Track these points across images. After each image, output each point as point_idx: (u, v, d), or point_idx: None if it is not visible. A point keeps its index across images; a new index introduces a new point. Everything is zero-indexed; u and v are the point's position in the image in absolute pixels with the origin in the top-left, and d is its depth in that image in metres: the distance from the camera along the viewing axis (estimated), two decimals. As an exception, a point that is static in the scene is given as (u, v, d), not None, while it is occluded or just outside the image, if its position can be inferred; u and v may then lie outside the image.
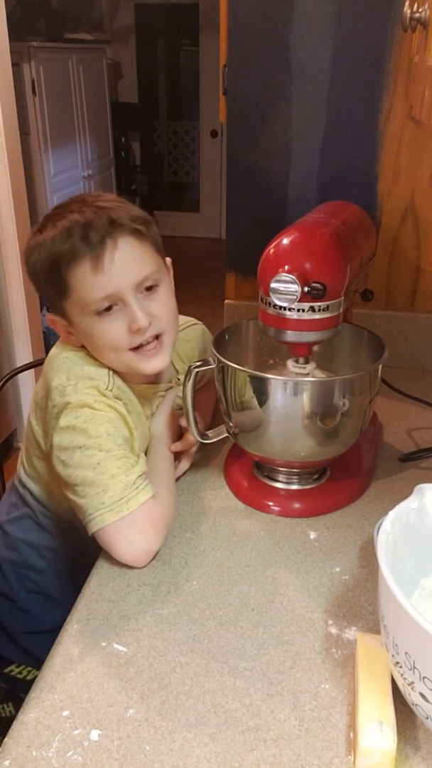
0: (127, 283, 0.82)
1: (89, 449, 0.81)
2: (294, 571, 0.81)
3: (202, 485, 0.98)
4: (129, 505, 0.79)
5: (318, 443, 0.87)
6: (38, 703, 0.63)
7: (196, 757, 0.58)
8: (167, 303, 0.87)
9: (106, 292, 0.81)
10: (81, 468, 0.81)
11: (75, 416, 0.82)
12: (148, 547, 0.81)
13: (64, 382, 0.84)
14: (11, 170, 2.43)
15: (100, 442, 0.81)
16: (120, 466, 0.81)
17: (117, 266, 0.81)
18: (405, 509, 0.65)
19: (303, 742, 0.60)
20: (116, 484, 0.79)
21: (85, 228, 0.80)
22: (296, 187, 1.28)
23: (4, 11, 2.36)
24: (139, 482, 0.81)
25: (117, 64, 5.26)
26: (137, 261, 0.82)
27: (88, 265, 0.80)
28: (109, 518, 0.79)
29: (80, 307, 0.83)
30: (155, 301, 0.85)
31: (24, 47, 3.27)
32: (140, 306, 0.83)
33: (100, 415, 0.83)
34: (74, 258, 0.80)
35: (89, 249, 0.79)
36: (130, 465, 0.82)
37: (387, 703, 0.58)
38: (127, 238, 0.82)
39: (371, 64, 1.17)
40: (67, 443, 0.82)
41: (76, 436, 0.81)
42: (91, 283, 0.81)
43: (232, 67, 1.22)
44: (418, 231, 1.26)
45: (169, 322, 0.87)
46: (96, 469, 0.80)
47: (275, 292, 0.79)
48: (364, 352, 0.96)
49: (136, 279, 0.82)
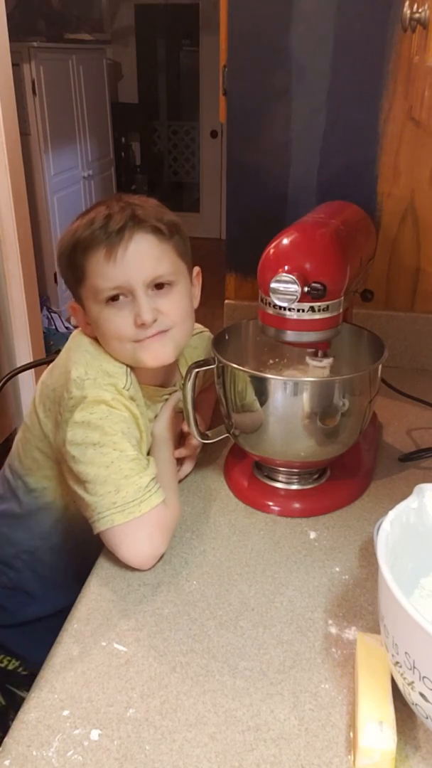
0: (137, 277, 0.83)
1: (103, 446, 0.80)
2: (294, 571, 0.81)
3: (202, 485, 0.98)
4: (141, 507, 0.79)
5: (318, 443, 0.87)
6: (38, 702, 0.63)
7: (196, 756, 0.58)
8: (178, 303, 0.88)
9: (116, 283, 0.83)
10: (94, 465, 0.80)
11: (91, 412, 0.82)
12: (155, 551, 0.80)
13: (83, 375, 0.84)
14: (11, 170, 2.43)
15: (115, 440, 0.81)
16: (133, 467, 0.81)
17: (129, 259, 0.82)
18: (405, 509, 0.65)
19: (303, 742, 0.60)
20: (129, 485, 0.79)
21: (107, 219, 0.82)
22: (296, 187, 1.28)
23: (4, 11, 2.36)
24: (151, 485, 0.81)
25: (117, 65, 5.26)
26: (152, 258, 0.84)
27: (102, 253, 0.82)
28: (119, 519, 0.78)
29: (93, 293, 0.85)
30: (166, 299, 0.86)
31: (24, 47, 3.27)
32: (148, 301, 0.84)
33: (116, 414, 0.83)
34: (91, 245, 0.83)
35: (106, 238, 0.82)
36: (143, 467, 0.82)
37: (387, 703, 0.58)
38: (146, 234, 0.83)
39: (371, 64, 1.17)
40: (80, 439, 0.81)
41: (91, 432, 0.81)
42: (103, 272, 0.83)
43: (232, 67, 1.22)
44: (418, 231, 1.26)
45: (176, 320, 0.87)
46: (109, 468, 0.80)
47: (275, 292, 0.79)
48: (364, 352, 0.96)
49: (148, 275, 0.83)
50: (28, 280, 2.61)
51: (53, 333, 3.44)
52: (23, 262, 2.56)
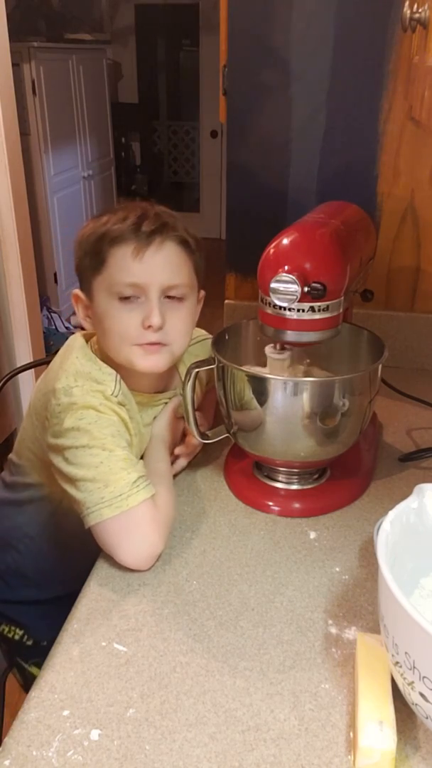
0: (157, 281, 0.85)
1: (92, 448, 0.81)
2: (294, 571, 0.81)
3: (202, 485, 0.98)
4: (128, 501, 0.79)
5: (318, 443, 0.87)
6: (38, 702, 0.63)
7: (196, 756, 0.58)
8: (184, 319, 0.90)
9: (136, 280, 0.84)
10: (83, 466, 0.81)
11: (80, 417, 0.83)
12: (151, 550, 0.81)
13: (72, 383, 0.85)
14: (11, 170, 2.43)
15: (104, 442, 0.82)
16: (123, 465, 0.81)
17: (156, 262, 0.84)
18: (405, 509, 0.65)
19: (303, 742, 0.60)
20: (118, 480, 0.80)
21: (140, 219, 0.85)
22: (296, 187, 1.28)
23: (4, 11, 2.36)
24: (140, 482, 0.81)
25: (117, 64, 5.26)
26: (174, 267, 0.86)
27: (131, 248, 0.84)
28: (107, 513, 0.79)
29: (107, 285, 0.86)
30: (174, 312, 0.88)
31: (24, 47, 3.27)
32: (160, 307, 0.85)
33: (105, 419, 0.84)
34: (121, 239, 0.84)
35: (137, 236, 0.84)
36: (132, 464, 0.83)
37: (387, 703, 0.58)
38: (174, 243, 0.86)
39: (371, 64, 1.17)
40: (69, 443, 0.82)
41: (81, 436, 0.82)
42: (126, 266, 0.84)
43: (232, 67, 1.22)
44: (418, 231, 1.26)
45: (178, 338, 0.89)
46: (98, 468, 0.80)
47: (275, 292, 0.79)
48: (364, 352, 0.96)
49: (166, 281, 0.85)
50: (28, 280, 2.61)
51: (53, 333, 3.44)
52: (23, 262, 2.56)
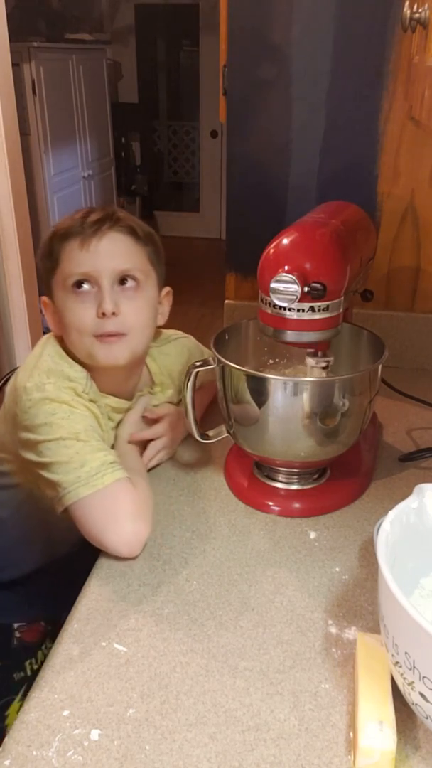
0: (105, 268, 0.87)
1: (66, 440, 0.83)
2: (294, 571, 0.81)
3: (202, 485, 0.98)
4: (104, 480, 0.81)
5: (318, 443, 0.87)
6: (38, 702, 0.64)
7: (196, 756, 0.58)
8: (141, 308, 0.91)
9: (86, 269, 0.87)
10: (57, 455, 0.83)
11: (52, 412, 0.84)
12: (138, 532, 0.81)
13: (44, 379, 0.87)
14: (11, 170, 2.43)
15: (78, 434, 0.84)
16: (99, 448, 0.84)
17: (101, 249, 0.87)
18: (405, 509, 0.65)
19: (303, 742, 0.60)
20: (94, 459, 0.82)
21: (87, 214, 0.88)
22: (296, 187, 1.28)
23: (4, 12, 2.36)
24: (116, 465, 0.84)
25: (117, 64, 5.26)
26: (122, 253, 0.89)
27: (78, 241, 0.87)
28: (84, 491, 0.80)
29: (62, 279, 0.89)
30: (130, 301, 0.89)
31: (24, 47, 3.27)
32: (111, 294, 0.87)
33: (77, 414, 0.86)
34: (69, 235, 0.88)
35: (82, 230, 0.87)
36: (107, 449, 0.85)
37: (387, 703, 0.58)
38: (119, 233, 0.88)
39: (371, 64, 1.17)
40: (43, 438, 0.84)
41: (54, 431, 0.83)
42: (75, 258, 0.87)
43: (232, 67, 1.22)
44: (418, 231, 1.26)
45: (135, 326, 0.90)
46: (74, 457, 0.82)
47: (275, 292, 0.79)
48: (364, 352, 0.96)
49: (115, 267, 0.88)
50: (28, 280, 2.61)
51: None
52: (23, 262, 2.56)
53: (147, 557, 0.83)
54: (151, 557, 0.83)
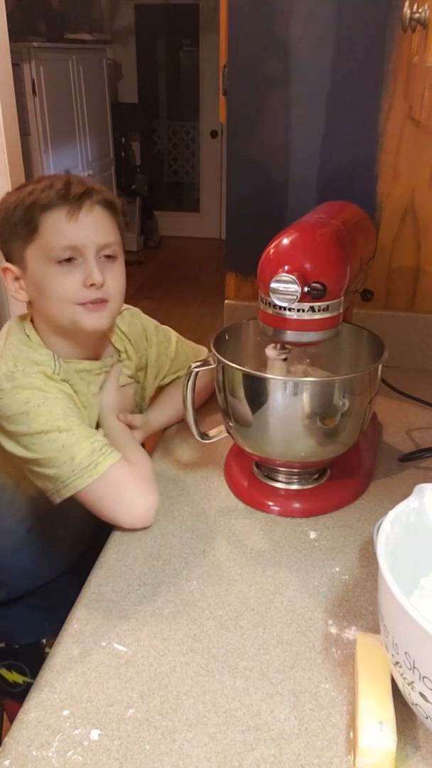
0: (92, 241, 0.88)
1: (49, 434, 0.84)
2: (294, 571, 0.81)
3: (202, 485, 0.98)
4: (98, 468, 0.83)
5: (318, 443, 0.87)
6: (38, 702, 0.64)
7: (196, 756, 0.58)
8: (119, 276, 0.93)
9: (73, 242, 0.87)
10: (44, 451, 0.84)
11: (26, 400, 0.84)
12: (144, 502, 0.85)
13: (12, 368, 0.87)
14: (11, 170, 2.43)
15: (58, 424, 0.84)
16: (86, 436, 0.85)
17: (89, 223, 0.88)
18: (405, 509, 0.65)
19: (303, 742, 0.60)
20: (82, 450, 0.83)
21: (66, 185, 0.88)
22: (296, 187, 1.28)
23: (4, 12, 2.36)
24: (105, 449, 0.85)
25: (117, 64, 5.26)
26: (105, 227, 0.90)
27: (64, 212, 0.87)
28: (81, 483, 0.82)
29: (43, 252, 0.88)
30: (110, 271, 0.91)
31: (24, 47, 3.27)
32: (98, 265, 0.89)
33: (51, 399, 0.86)
34: (52, 205, 0.87)
35: (67, 201, 0.87)
36: (93, 434, 0.86)
37: (387, 703, 0.59)
38: (101, 206, 0.90)
39: (371, 64, 1.17)
40: (24, 430, 0.84)
41: (31, 421, 0.84)
42: (62, 230, 0.87)
43: (232, 67, 1.22)
44: (418, 231, 1.26)
45: (116, 293, 0.93)
46: (61, 451, 0.83)
47: (275, 292, 0.79)
48: (364, 352, 0.96)
49: (101, 241, 0.89)
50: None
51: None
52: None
53: (147, 557, 0.83)
54: (151, 557, 0.83)
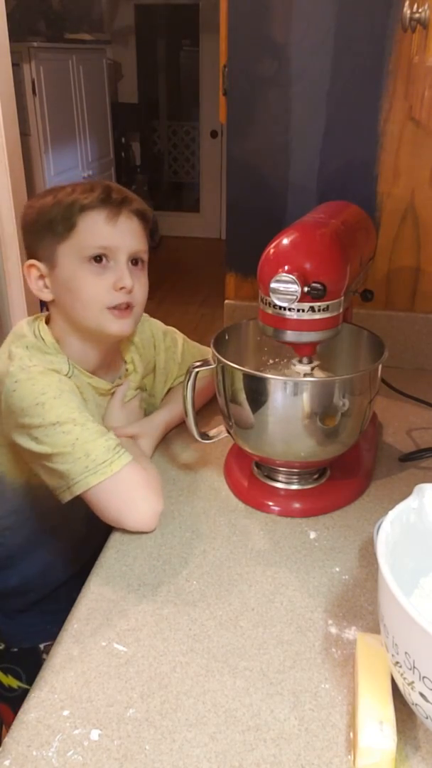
0: (126, 246, 0.91)
1: (63, 425, 0.83)
2: (294, 571, 0.81)
3: (202, 485, 0.98)
4: (112, 467, 0.83)
5: (318, 443, 0.87)
6: (38, 702, 0.64)
7: (196, 756, 0.58)
8: (144, 286, 0.95)
9: (109, 243, 0.89)
10: (58, 445, 0.83)
11: (42, 392, 0.84)
12: (151, 508, 0.85)
13: (27, 363, 0.88)
14: (11, 170, 2.43)
15: (74, 416, 0.84)
16: (101, 433, 0.85)
17: (125, 228, 0.91)
18: (405, 509, 0.65)
19: (303, 742, 0.60)
20: (97, 447, 0.83)
21: (107, 191, 0.90)
22: (296, 188, 1.28)
23: (4, 12, 2.36)
24: (119, 448, 0.85)
25: (117, 64, 5.26)
26: (138, 235, 0.93)
27: (104, 215, 0.89)
28: (93, 480, 0.82)
29: (77, 249, 0.89)
30: (138, 278, 0.93)
31: (24, 47, 3.27)
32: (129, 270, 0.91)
33: (67, 392, 0.87)
34: (92, 206, 0.89)
35: (106, 204, 0.89)
36: (107, 432, 0.86)
37: (387, 703, 0.59)
38: (135, 215, 0.93)
39: (371, 64, 1.17)
40: (38, 422, 0.83)
41: (46, 413, 0.83)
42: (99, 231, 0.89)
43: (232, 67, 1.22)
44: (418, 231, 1.26)
45: (141, 300, 0.95)
46: (75, 445, 0.83)
47: (275, 292, 0.79)
48: (364, 352, 0.96)
49: (134, 247, 0.92)
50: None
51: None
52: (23, 262, 2.56)
53: (147, 557, 0.83)
54: (151, 557, 0.83)
